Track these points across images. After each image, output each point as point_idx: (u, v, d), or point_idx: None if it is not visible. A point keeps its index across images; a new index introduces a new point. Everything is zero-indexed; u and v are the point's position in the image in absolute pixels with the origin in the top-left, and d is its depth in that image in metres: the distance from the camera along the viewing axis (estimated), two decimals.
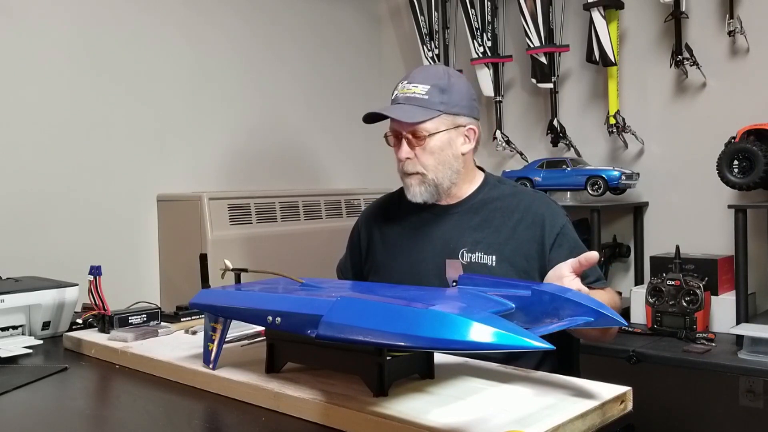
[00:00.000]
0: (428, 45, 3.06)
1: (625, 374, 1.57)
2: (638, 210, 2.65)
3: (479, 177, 1.69)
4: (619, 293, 2.25)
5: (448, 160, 1.61)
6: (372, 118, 1.60)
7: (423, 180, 1.60)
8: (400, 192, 1.79)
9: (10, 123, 2.19)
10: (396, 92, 1.60)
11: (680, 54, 2.43)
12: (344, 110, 3.25)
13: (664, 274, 2.27)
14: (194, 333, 1.48)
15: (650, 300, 2.29)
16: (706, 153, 2.33)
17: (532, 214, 1.59)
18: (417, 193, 1.61)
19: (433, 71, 1.64)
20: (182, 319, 1.59)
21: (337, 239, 1.90)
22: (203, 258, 1.56)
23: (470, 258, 1.56)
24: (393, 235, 1.72)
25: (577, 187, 2.55)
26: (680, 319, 2.22)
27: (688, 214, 2.54)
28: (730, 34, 2.35)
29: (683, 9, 2.41)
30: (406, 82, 1.59)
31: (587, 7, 2.54)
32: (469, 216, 1.63)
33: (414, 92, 1.57)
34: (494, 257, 1.55)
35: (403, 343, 0.83)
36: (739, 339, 2.01)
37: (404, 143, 1.58)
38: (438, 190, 1.62)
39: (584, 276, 1.53)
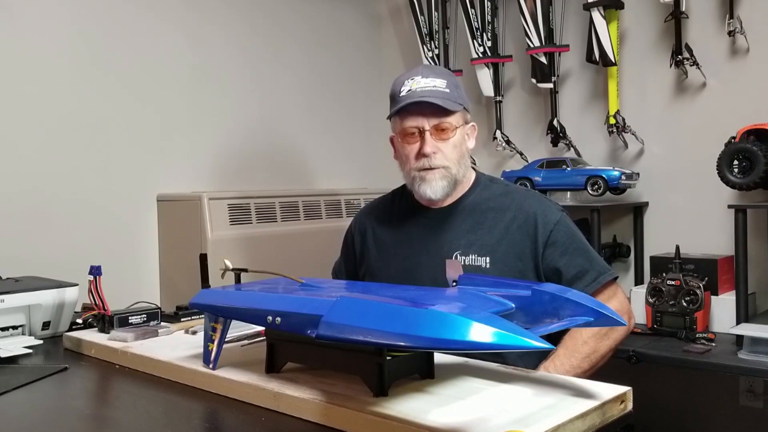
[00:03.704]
0: (428, 45, 3.06)
1: (625, 374, 1.56)
2: (638, 210, 2.65)
3: (471, 176, 1.67)
4: None
5: (465, 156, 1.60)
6: (397, 111, 1.55)
7: (446, 174, 1.56)
8: (393, 194, 1.78)
9: (9, 123, 2.19)
10: (409, 88, 1.53)
11: (680, 54, 2.43)
12: (344, 110, 3.26)
13: (664, 274, 2.27)
14: (194, 333, 1.48)
15: (650, 300, 2.29)
16: (706, 153, 2.33)
17: (524, 213, 1.57)
18: (439, 188, 1.56)
19: (439, 69, 1.63)
20: (182, 319, 1.59)
21: (337, 239, 1.90)
22: (203, 258, 1.56)
23: (464, 261, 1.55)
24: (387, 239, 1.70)
25: (577, 187, 2.54)
26: (680, 319, 2.22)
27: (688, 214, 2.54)
28: (730, 34, 2.35)
29: (683, 9, 2.41)
30: (419, 77, 1.54)
31: (587, 7, 2.54)
32: (461, 218, 1.61)
33: (435, 86, 1.53)
34: (488, 259, 1.54)
35: (403, 343, 0.83)
36: (739, 339, 2.01)
37: (428, 137, 1.53)
38: (453, 187, 1.59)
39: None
